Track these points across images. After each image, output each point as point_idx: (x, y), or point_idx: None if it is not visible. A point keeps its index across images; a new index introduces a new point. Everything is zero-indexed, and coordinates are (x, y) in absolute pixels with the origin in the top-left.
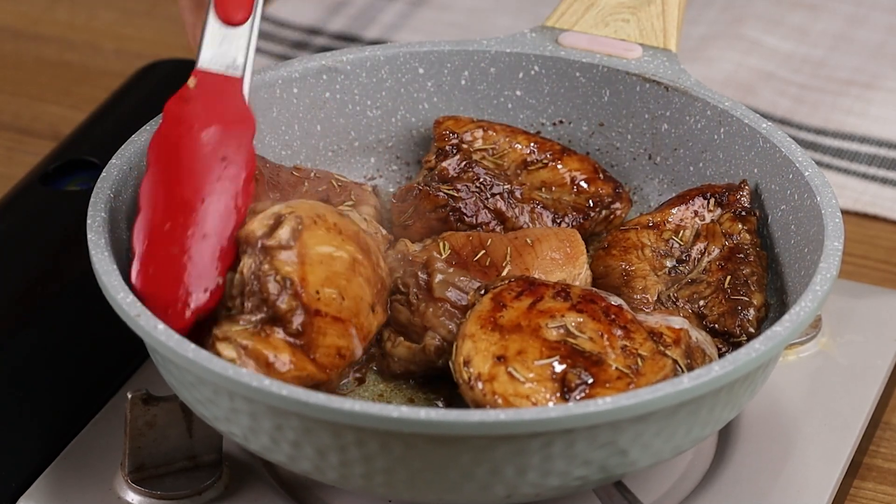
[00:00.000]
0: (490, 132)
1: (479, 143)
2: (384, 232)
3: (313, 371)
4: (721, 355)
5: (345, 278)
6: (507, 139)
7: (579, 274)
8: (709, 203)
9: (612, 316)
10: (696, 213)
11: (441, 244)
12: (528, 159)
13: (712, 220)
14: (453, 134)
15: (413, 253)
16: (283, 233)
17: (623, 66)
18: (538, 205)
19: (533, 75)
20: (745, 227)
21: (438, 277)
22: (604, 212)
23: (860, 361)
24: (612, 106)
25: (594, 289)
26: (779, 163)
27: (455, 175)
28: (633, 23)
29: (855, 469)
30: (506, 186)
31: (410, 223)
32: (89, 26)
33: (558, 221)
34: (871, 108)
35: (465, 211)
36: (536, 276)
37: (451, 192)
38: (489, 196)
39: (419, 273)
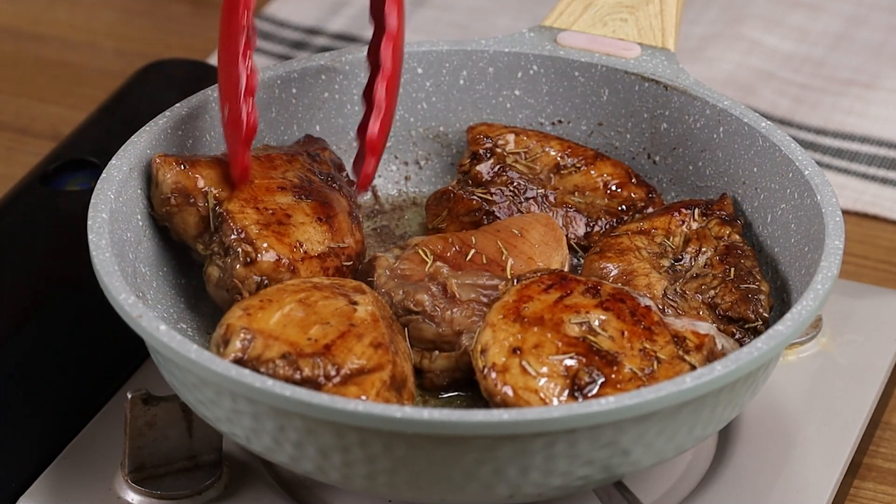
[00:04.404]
0: (522, 137)
1: (511, 147)
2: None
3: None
4: (738, 341)
5: (312, 311)
6: (540, 143)
7: (567, 255)
8: (693, 213)
9: (639, 316)
10: (683, 221)
11: (422, 251)
12: (561, 164)
13: (699, 227)
14: (487, 138)
15: (405, 269)
16: (239, 341)
17: (622, 66)
18: (571, 209)
19: (532, 75)
20: (734, 230)
21: (456, 283)
22: (636, 216)
23: (860, 361)
24: (611, 105)
25: (626, 288)
26: (778, 162)
27: (489, 179)
28: (632, 22)
29: (855, 469)
30: (539, 190)
31: (444, 227)
32: (89, 26)
33: (591, 225)
34: (871, 108)
35: (498, 215)
36: (540, 264)
37: (485, 196)
38: (523, 200)
39: (431, 287)
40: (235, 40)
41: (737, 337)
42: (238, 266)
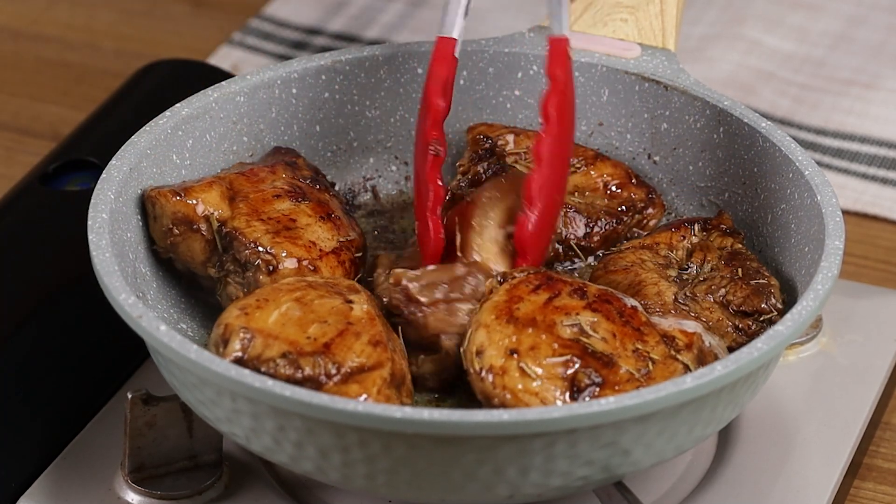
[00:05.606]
0: (522, 137)
1: (511, 147)
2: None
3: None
4: (752, 333)
5: (309, 310)
6: None
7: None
8: (693, 228)
9: (626, 317)
10: (683, 237)
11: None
12: None
13: (700, 241)
14: (486, 139)
15: (395, 273)
16: (239, 340)
17: (622, 66)
18: (570, 209)
19: (531, 75)
20: (736, 240)
21: (415, 287)
22: (636, 216)
23: (860, 361)
24: (611, 105)
25: (611, 289)
26: (778, 162)
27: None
28: (632, 22)
29: (855, 469)
30: None
31: None
32: (89, 26)
33: (591, 226)
34: (871, 108)
35: None
36: (476, 222)
37: None
38: None
39: (395, 293)
40: (423, 156)
41: (752, 329)
42: (262, 276)
